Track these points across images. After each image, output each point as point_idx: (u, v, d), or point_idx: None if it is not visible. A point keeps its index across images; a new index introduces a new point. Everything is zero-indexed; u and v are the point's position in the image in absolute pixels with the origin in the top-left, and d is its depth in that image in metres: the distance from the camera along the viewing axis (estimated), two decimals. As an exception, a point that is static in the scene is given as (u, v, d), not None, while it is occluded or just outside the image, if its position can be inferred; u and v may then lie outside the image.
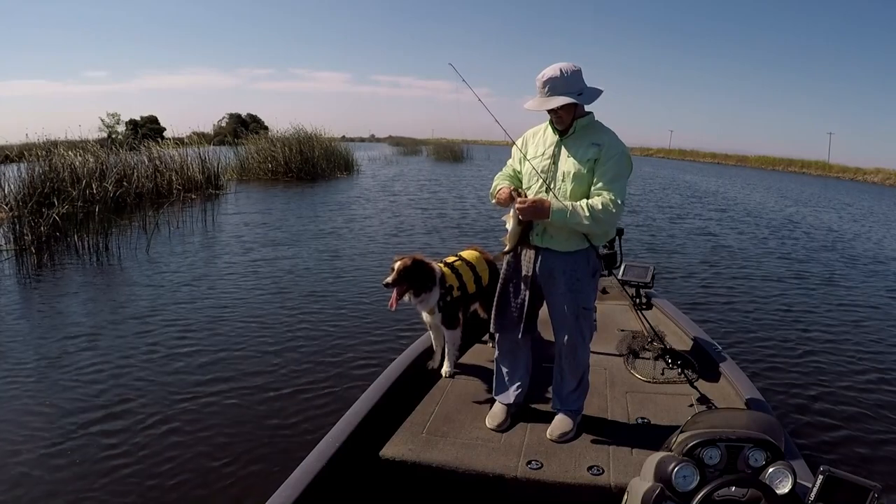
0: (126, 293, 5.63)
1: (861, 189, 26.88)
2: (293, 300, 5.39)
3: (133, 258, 7.08)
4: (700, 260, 7.81)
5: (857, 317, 5.51)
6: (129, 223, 9.33)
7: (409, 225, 9.96)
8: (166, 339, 4.33)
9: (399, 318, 4.55)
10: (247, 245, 7.95)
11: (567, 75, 2.17)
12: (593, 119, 2.30)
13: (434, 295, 2.84)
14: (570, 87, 2.17)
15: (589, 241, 2.29)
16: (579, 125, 2.26)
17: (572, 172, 2.22)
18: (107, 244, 7.55)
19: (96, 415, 3.21)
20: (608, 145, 2.20)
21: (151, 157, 13.08)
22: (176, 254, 7.37)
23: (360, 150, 29.20)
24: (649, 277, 3.81)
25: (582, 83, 2.21)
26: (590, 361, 2.50)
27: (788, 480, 1.42)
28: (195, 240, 8.35)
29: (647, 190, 18.65)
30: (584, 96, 2.20)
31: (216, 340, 4.33)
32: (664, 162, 46.17)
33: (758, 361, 4.17)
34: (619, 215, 2.19)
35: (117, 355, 4.02)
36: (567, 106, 2.19)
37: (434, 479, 2.20)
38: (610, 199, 2.14)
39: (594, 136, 2.23)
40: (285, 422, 3.15)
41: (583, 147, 2.22)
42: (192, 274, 6.32)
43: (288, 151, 17.80)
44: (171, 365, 3.88)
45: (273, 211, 11.38)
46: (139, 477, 2.64)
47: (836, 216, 14.36)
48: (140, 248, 7.51)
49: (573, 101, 2.15)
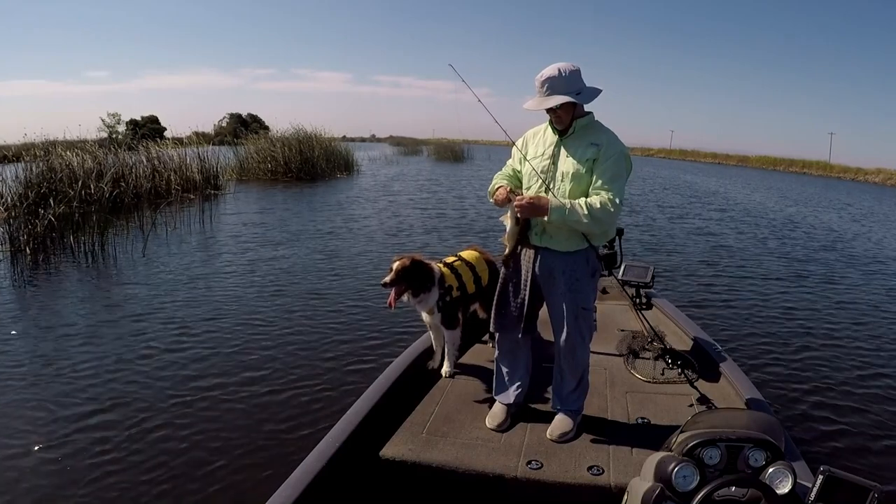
0: (121, 294, 5.60)
1: (862, 189, 26.85)
2: (292, 300, 5.39)
3: (129, 259, 7.04)
4: (700, 260, 7.81)
5: (857, 316, 5.51)
6: (126, 224, 9.27)
7: (408, 225, 9.96)
8: (163, 340, 4.32)
9: (399, 318, 4.55)
10: (244, 245, 7.94)
11: (566, 75, 2.18)
12: (593, 119, 2.31)
13: (433, 295, 2.84)
14: (568, 86, 2.18)
15: (588, 241, 2.29)
16: (579, 125, 2.27)
17: (571, 172, 2.22)
18: (102, 245, 7.45)
19: (92, 418, 3.20)
20: (607, 145, 2.21)
21: (150, 157, 13.00)
22: (172, 254, 7.33)
23: (361, 150, 29.12)
24: (649, 277, 3.81)
25: (581, 83, 2.22)
26: (590, 361, 2.50)
27: (788, 480, 1.42)
28: (192, 240, 8.31)
29: (647, 190, 18.65)
30: (582, 96, 2.21)
31: (213, 341, 4.33)
32: (665, 162, 46.07)
33: (758, 361, 4.17)
34: (617, 215, 2.19)
35: (114, 357, 4.02)
36: (566, 105, 2.19)
37: (434, 479, 2.20)
38: (608, 198, 2.15)
39: (593, 136, 2.24)
40: (285, 422, 3.14)
41: (582, 147, 2.23)
42: (187, 275, 6.29)
43: (287, 151, 17.74)
44: (168, 366, 3.87)
45: (271, 211, 11.35)
46: (138, 478, 2.63)
47: (836, 216, 14.37)
48: (136, 249, 7.46)
49: (571, 100, 2.16)
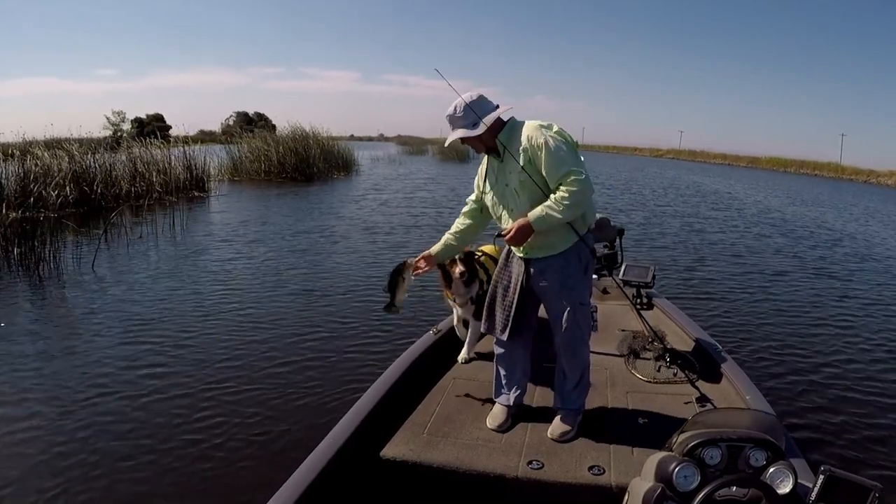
0: (47, 313, 5.07)
1: (874, 191, 26.48)
2: (290, 300, 5.40)
3: (75, 272, 6.23)
4: (701, 260, 7.81)
5: (860, 316, 5.50)
6: (88, 230, 8.42)
7: (400, 224, 9.91)
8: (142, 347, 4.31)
9: (399, 319, 4.54)
10: (215, 253, 7.37)
11: (459, 112, 2.23)
12: (513, 124, 2.29)
13: (475, 287, 2.99)
14: (463, 121, 2.23)
15: (577, 235, 2.26)
16: (502, 140, 2.26)
17: (518, 184, 2.23)
18: (54, 256, 6.58)
19: (90, 419, 3.21)
20: (529, 140, 2.19)
21: (132, 157, 12.37)
22: (122, 272, 6.37)
23: (366, 150, 28.96)
24: (650, 277, 3.81)
25: (473, 114, 2.21)
26: (590, 361, 2.50)
27: (789, 480, 1.42)
28: (155, 249, 7.56)
29: (648, 189, 18.65)
30: (477, 127, 2.21)
31: (211, 343, 4.34)
32: (674, 163, 45.31)
33: (759, 361, 4.16)
34: (586, 187, 2.15)
35: (112, 360, 4.02)
36: (470, 139, 2.24)
37: (435, 480, 2.20)
38: (569, 180, 2.13)
39: (516, 142, 2.23)
40: (286, 422, 3.15)
41: (514, 159, 2.22)
42: (142, 289, 5.67)
43: (282, 150, 17.27)
44: (168, 365, 3.88)
45: (253, 215, 10.70)
46: (138, 479, 2.64)
47: (841, 217, 14.35)
48: (89, 261, 6.55)
49: (469, 135, 2.21)
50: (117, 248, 7.58)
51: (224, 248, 7.79)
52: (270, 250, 7.65)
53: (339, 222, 9.92)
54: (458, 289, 2.95)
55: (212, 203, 12.51)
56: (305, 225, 9.62)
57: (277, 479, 1.95)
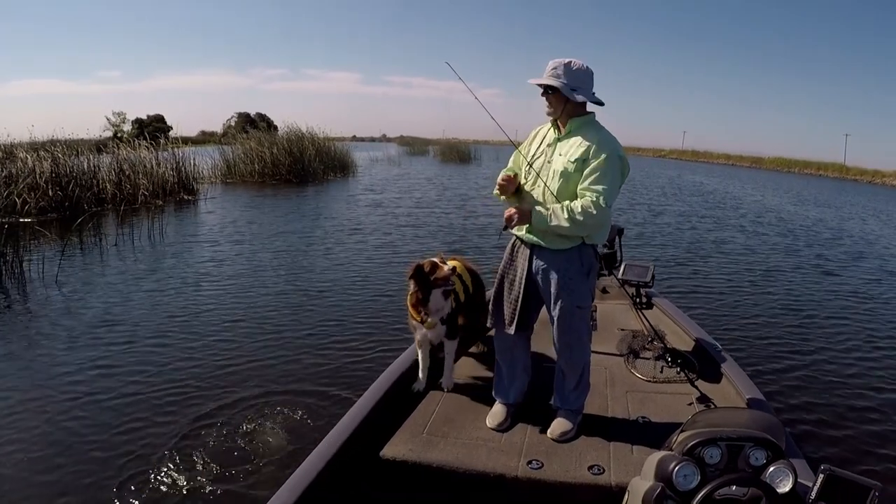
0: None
1: (879, 192, 26.34)
2: (291, 301, 5.40)
3: (39, 285, 5.78)
4: (701, 259, 7.81)
5: (859, 316, 5.50)
6: (63, 237, 7.79)
7: (385, 230, 9.69)
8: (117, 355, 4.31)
9: (398, 319, 4.55)
10: (198, 259, 7.09)
11: (572, 68, 2.19)
12: (592, 119, 2.30)
13: (450, 302, 2.72)
14: (567, 77, 2.18)
15: (583, 238, 2.27)
16: (574, 124, 2.26)
17: (560, 171, 2.23)
18: (20, 265, 6.15)
19: (87, 426, 3.20)
20: (598, 144, 2.18)
21: (118, 159, 11.91)
22: (91, 283, 5.95)
23: (367, 150, 28.72)
24: (649, 277, 3.81)
25: (583, 83, 2.21)
26: (590, 361, 2.50)
27: (789, 479, 1.42)
28: (131, 256, 7.12)
29: (648, 189, 18.64)
30: (577, 92, 2.19)
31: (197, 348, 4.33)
32: (676, 163, 44.62)
33: (758, 360, 4.16)
34: (602, 217, 2.16)
35: (109, 360, 4.02)
36: (557, 95, 2.20)
37: (435, 479, 2.20)
38: (591, 200, 2.13)
39: (587, 136, 2.22)
40: (286, 422, 3.14)
41: (574, 146, 2.22)
42: (125, 296, 5.41)
43: (276, 151, 16.83)
44: (166, 364, 3.88)
45: (239, 218, 10.32)
46: (137, 480, 2.64)
47: (841, 217, 14.35)
48: (62, 273, 6.11)
49: (555, 85, 2.16)
50: (91, 255, 7.17)
51: (207, 249, 7.59)
52: (254, 252, 7.48)
53: (328, 223, 9.78)
54: (436, 302, 2.64)
55: (200, 206, 12.07)
56: (292, 227, 9.45)
57: (278, 478, 1.95)
